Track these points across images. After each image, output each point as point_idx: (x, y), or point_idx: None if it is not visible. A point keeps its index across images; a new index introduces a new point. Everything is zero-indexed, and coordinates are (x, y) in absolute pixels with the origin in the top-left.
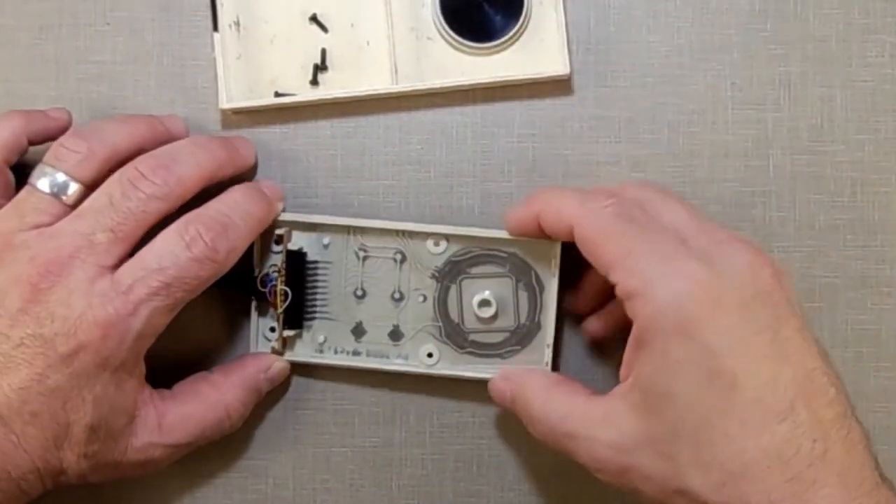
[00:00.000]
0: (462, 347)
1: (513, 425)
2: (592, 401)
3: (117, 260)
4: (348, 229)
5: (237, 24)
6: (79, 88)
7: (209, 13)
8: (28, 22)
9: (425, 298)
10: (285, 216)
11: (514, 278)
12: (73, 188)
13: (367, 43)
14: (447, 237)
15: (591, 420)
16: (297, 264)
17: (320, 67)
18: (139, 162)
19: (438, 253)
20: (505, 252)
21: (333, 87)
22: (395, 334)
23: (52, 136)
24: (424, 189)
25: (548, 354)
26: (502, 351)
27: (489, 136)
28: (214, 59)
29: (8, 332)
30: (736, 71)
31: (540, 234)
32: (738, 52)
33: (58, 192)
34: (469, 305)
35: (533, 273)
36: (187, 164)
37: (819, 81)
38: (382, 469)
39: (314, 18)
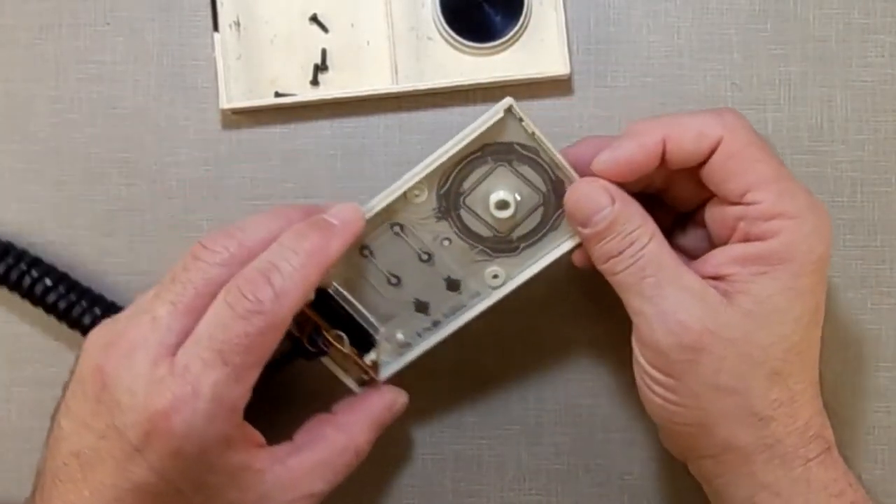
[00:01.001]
0: (515, 250)
1: (513, 425)
2: (691, 272)
3: (181, 335)
4: None
5: (237, 24)
6: (79, 88)
7: (209, 13)
8: (28, 22)
9: (450, 240)
10: None
11: (505, 162)
12: None
13: (367, 43)
14: (421, 183)
15: (688, 287)
16: (325, 304)
17: (320, 67)
18: (205, 236)
19: (424, 199)
20: (477, 150)
21: (333, 87)
22: (452, 285)
23: None
24: None
25: None
26: (550, 222)
27: None
28: (214, 59)
29: (91, 422)
30: (736, 71)
31: (648, 169)
32: (738, 52)
33: None
34: (490, 215)
35: (515, 146)
36: (251, 229)
37: (819, 81)
38: (382, 469)
39: (314, 18)
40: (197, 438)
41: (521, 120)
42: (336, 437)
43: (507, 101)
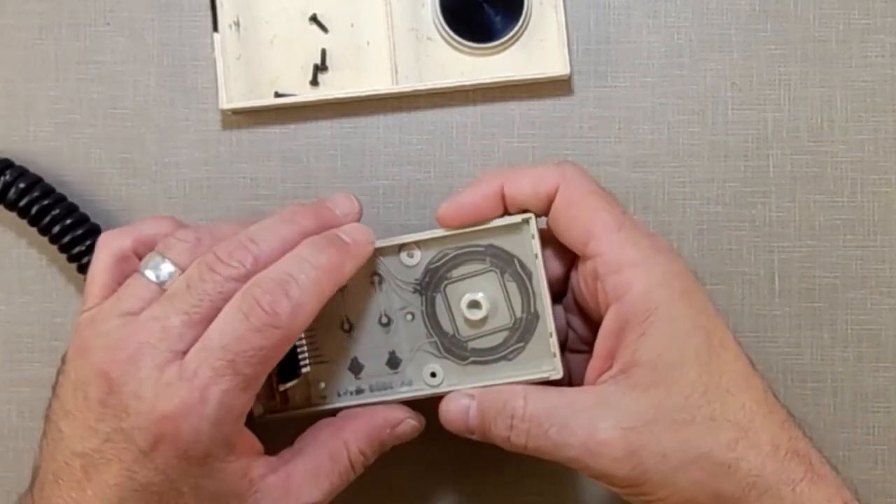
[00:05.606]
0: (464, 359)
1: None
2: (578, 392)
3: (191, 344)
4: None
5: (237, 24)
6: (79, 88)
7: (209, 13)
8: (28, 22)
9: (413, 316)
10: None
11: (498, 271)
12: (174, 274)
13: (367, 43)
14: (417, 244)
15: (586, 406)
16: None
17: (320, 67)
18: (219, 246)
19: (414, 265)
20: (481, 245)
21: (333, 87)
22: (393, 361)
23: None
24: (424, 189)
25: (553, 344)
26: (506, 352)
27: (489, 136)
28: (214, 59)
29: (95, 425)
30: (736, 71)
31: (490, 214)
32: (738, 52)
33: (159, 280)
34: (460, 312)
35: (515, 260)
36: (266, 241)
37: (819, 81)
38: (382, 469)
39: (314, 18)
40: (204, 443)
41: (532, 236)
42: (330, 441)
43: (531, 215)
